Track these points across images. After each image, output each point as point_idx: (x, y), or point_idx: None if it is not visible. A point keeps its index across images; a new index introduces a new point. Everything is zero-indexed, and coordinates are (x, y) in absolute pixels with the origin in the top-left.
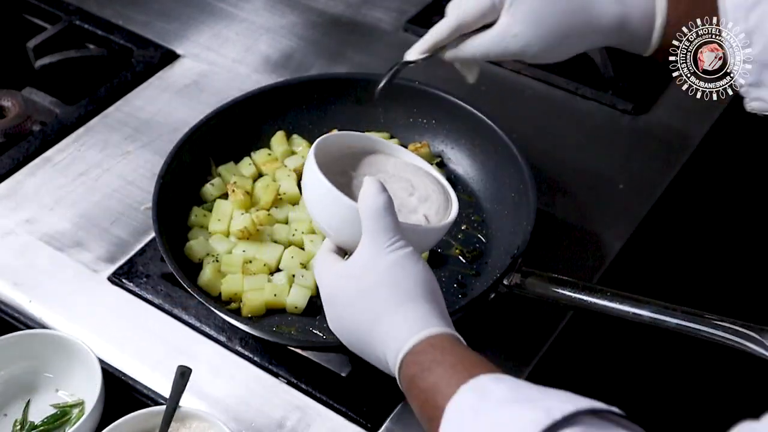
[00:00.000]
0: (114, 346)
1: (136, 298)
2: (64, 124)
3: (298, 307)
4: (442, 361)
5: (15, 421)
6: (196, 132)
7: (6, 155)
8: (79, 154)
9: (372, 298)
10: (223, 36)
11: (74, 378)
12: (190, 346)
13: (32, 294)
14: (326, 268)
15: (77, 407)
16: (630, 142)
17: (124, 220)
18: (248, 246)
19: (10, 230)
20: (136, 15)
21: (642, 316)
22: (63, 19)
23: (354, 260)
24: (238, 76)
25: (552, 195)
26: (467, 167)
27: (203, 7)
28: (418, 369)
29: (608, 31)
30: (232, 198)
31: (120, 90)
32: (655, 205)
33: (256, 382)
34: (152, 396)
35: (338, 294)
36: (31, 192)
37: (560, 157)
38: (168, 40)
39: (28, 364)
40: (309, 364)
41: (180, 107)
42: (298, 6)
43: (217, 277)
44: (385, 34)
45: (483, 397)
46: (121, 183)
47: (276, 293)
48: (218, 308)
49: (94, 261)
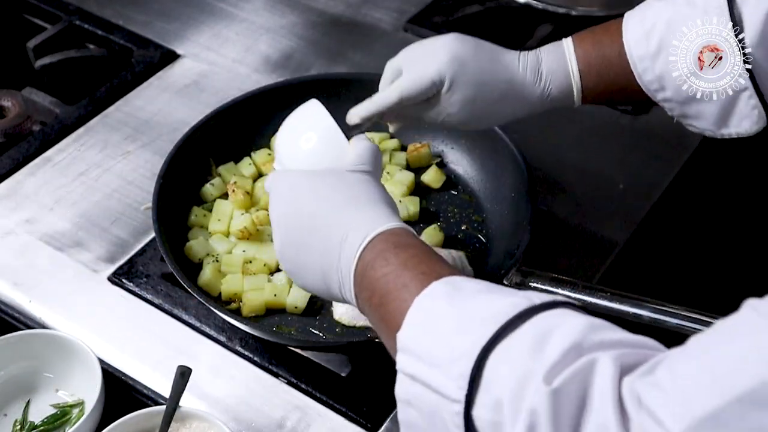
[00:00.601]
0: (114, 346)
1: (136, 298)
2: (64, 124)
3: (298, 307)
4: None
5: (15, 421)
6: (196, 132)
7: (6, 155)
8: (79, 154)
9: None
10: (223, 36)
11: (74, 378)
12: (190, 346)
13: (32, 294)
14: (283, 177)
15: (77, 407)
16: (630, 142)
17: (124, 220)
18: (248, 246)
19: (10, 230)
20: (136, 15)
21: (642, 316)
22: (63, 19)
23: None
24: (238, 76)
25: (552, 195)
26: (467, 167)
27: (203, 7)
28: (375, 256)
29: (535, 106)
30: (232, 198)
31: (120, 90)
32: (655, 205)
33: (256, 382)
34: (152, 396)
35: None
36: (31, 192)
37: (560, 157)
38: (168, 40)
39: (28, 364)
40: (309, 364)
41: (180, 107)
42: (298, 6)
43: (217, 277)
44: (385, 34)
45: (456, 288)
46: (121, 183)
47: (276, 293)
48: (218, 308)
49: (94, 261)
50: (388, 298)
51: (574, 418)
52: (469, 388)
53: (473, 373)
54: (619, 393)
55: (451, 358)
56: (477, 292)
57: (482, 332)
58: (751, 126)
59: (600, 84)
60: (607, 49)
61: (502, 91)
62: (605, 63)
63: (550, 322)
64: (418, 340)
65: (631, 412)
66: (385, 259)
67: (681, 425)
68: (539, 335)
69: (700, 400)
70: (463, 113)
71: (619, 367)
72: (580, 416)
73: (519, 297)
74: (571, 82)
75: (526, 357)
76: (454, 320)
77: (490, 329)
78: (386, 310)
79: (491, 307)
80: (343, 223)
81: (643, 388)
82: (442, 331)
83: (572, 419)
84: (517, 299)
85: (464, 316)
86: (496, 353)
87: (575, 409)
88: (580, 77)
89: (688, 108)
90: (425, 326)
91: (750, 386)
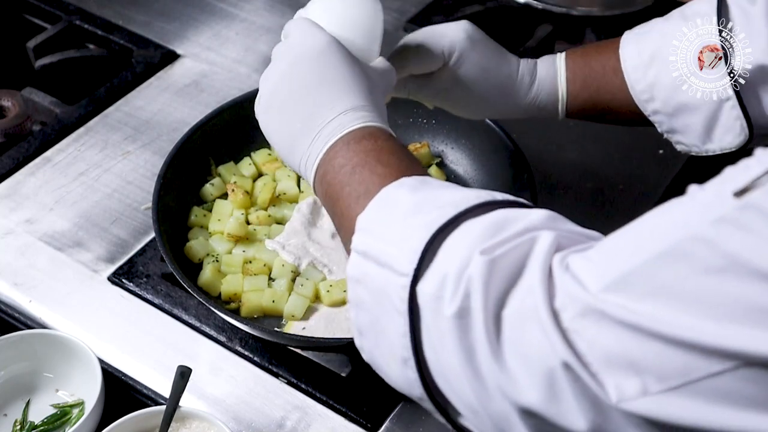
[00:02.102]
0: (114, 346)
1: (136, 298)
2: (64, 124)
3: (295, 315)
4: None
5: (15, 421)
6: (196, 132)
7: (6, 155)
8: (79, 154)
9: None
10: (223, 36)
11: (74, 378)
12: (190, 346)
13: (32, 294)
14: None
15: (77, 407)
16: (630, 142)
17: (124, 220)
18: (248, 246)
19: (10, 230)
20: (136, 15)
21: None
22: (63, 19)
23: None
24: (238, 76)
25: (552, 195)
26: (467, 167)
27: (203, 7)
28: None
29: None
30: (232, 198)
31: (120, 90)
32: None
33: (256, 382)
34: (152, 396)
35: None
36: (31, 192)
37: (560, 157)
38: (168, 40)
39: (28, 364)
40: (309, 364)
41: (180, 107)
42: (298, 6)
43: (217, 277)
44: (385, 34)
45: (424, 182)
46: (121, 183)
47: (275, 299)
48: (218, 308)
49: (94, 261)
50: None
51: (506, 282)
52: (419, 263)
53: (425, 248)
54: (550, 263)
55: (405, 236)
56: (444, 186)
57: (441, 213)
58: (733, 139)
59: (584, 92)
60: (594, 62)
61: (501, 84)
62: (591, 74)
63: (512, 215)
64: (377, 220)
65: (557, 276)
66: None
67: (599, 284)
68: (497, 222)
69: (619, 261)
70: (459, 94)
71: (556, 244)
72: (513, 282)
73: (483, 193)
74: (558, 89)
75: (479, 238)
76: (415, 205)
77: (449, 211)
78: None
79: (455, 196)
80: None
81: (572, 258)
82: (401, 213)
83: (504, 284)
84: (482, 193)
85: (426, 201)
86: (452, 234)
87: (509, 275)
88: (567, 85)
89: (675, 121)
90: (386, 209)
91: (664, 246)
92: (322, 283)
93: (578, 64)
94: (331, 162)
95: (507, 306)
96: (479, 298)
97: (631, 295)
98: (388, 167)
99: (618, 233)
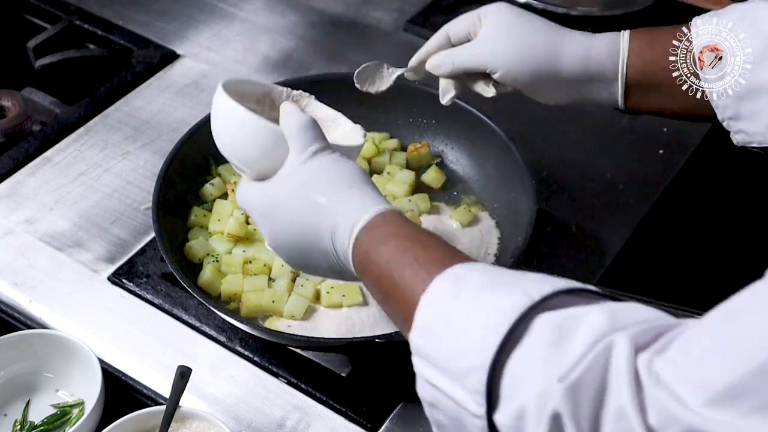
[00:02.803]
0: (114, 346)
1: (136, 298)
2: (64, 124)
3: (294, 316)
4: (397, 234)
5: (15, 421)
6: (196, 132)
7: (6, 155)
8: (79, 154)
9: (312, 189)
10: (223, 36)
11: (74, 378)
12: (190, 346)
13: (32, 294)
14: (252, 190)
15: (77, 407)
16: (630, 142)
17: (124, 220)
18: (248, 246)
19: (10, 230)
20: (136, 15)
21: None
22: (63, 19)
23: (284, 168)
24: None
25: (552, 195)
26: (467, 167)
27: (203, 7)
28: (373, 243)
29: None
30: (232, 198)
31: (120, 90)
32: (655, 205)
33: (256, 382)
34: (152, 396)
35: (274, 203)
36: (31, 192)
37: (560, 157)
38: (168, 40)
39: (28, 364)
40: (309, 364)
41: (180, 107)
42: (298, 6)
43: (217, 277)
44: (385, 34)
45: (459, 284)
46: (121, 183)
47: (274, 300)
48: (218, 308)
49: (94, 261)
50: (393, 287)
51: (594, 405)
52: (488, 402)
53: (488, 387)
54: (635, 372)
55: (464, 369)
56: (479, 290)
57: (491, 340)
58: None
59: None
60: (657, 43)
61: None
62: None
63: (566, 321)
64: (430, 345)
65: (648, 390)
66: (384, 244)
67: (701, 399)
68: (554, 336)
69: (719, 372)
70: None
71: (634, 346)
72: (599, 403)
73: (518, 294)
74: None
75: (545, 360)
76: (460, 324)
77: (495, 338)
78: (392, 301)
79: (494, 311)
80: (328, 215)
81: (660, 364)
82: (450, 337)
83: (592, 409)
84: (516, 297)
85: (470, 320)
86: (513, 356)
87: (594, 398)
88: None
89: (743, 106)
90: (433, 331)
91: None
92: (322, 284)
93: (643, 41)
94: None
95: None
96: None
97: (740, 410)
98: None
99: (701, 328)
